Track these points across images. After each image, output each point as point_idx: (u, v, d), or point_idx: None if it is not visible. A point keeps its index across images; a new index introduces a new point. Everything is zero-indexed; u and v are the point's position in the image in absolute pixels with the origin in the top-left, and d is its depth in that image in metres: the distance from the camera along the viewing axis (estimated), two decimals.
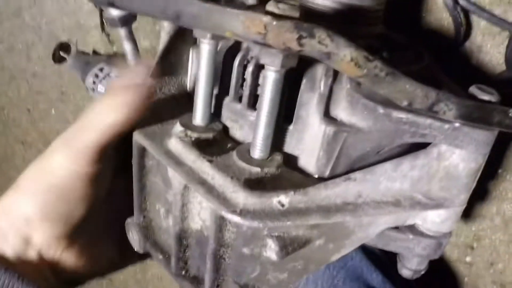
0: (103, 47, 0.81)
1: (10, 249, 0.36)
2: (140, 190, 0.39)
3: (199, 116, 0.35)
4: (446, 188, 0.34)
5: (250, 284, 0.34)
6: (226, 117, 0.36)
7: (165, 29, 0.42)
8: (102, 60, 0.74)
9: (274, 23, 0.26)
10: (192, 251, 0.36)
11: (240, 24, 0.26)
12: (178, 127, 0.35)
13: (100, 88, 0.69)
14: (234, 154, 0.32)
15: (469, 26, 0.47)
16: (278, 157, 0.33)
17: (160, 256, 0.40)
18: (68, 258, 0.38)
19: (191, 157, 0.32)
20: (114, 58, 0.75)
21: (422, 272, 0.39)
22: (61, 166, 0.35)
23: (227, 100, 0.36)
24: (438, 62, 0.40)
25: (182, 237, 0.36)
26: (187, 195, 0.33)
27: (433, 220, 0.36)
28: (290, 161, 0.34)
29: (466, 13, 0.46)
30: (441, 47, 0.48)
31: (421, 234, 0.36)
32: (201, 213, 0.34)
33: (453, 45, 0.47)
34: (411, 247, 0.37)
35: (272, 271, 0.33)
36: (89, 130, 0.35)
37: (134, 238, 0.42)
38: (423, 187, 0.34)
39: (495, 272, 0.52)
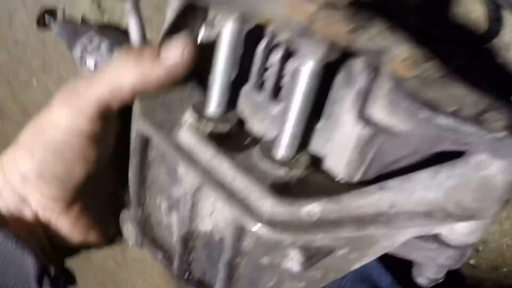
0: (92, 16, 0.75)
1: (5, 208, 0.34)
2: (140, 183, 0.35)
3: (214, 104, 0.31)
4: (479, 199, 0.32)
5: None
6: (244, 108, 0.32)
7: (172, 5, 0.37)
8: (91, 29, 0.69)
9: (323, 11, 0.22)
10: (198, 254, 0.33)
11: (281, 10, 0.23)
12: (189, 116, 0.31)
13: (89, 61, 0.64)
14: (256, 152, 0.29)
15: (498, 22, 0.44)
16: (304, 158, 0.29)
17: (160, 255, 0.37)
18: (64, 223, 0.36)
19: (207, 154, 0.29)
20: (106, 28, 0.69)
21: (439, 281, 0.37)
22: (60, 121, 0.33)
23: (246, 89, 0.32)
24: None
25: (188, 238, 0.32)
26: (198, 195, 0.30)
27: (461, 231, 0.33)
28: (315, 161, 0.31)
29: (498, 8, 0.43)
30: (467, 42, 0.45)
31: (446, 244, 0.34)
32: (214, 215, 0.30)
33: (481, 41, 0.44)
34: (433, 256, 0.35)
35: (289, 281, 0.30)
36: (98, 84, 0.32)
37: (130, 233, 0.39)
38: (455, 197, 0.32)
39: (499, 276, 0.51)
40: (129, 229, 0.39)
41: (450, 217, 0.31)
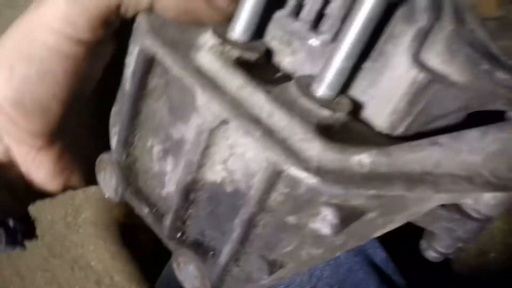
0: None
1: None
2: (131, 118, 0.29)
3: (241, 27, 0.25)
4: None
5: (278, 260, 0.26)
6: (273, 37, 0.27)
7: None
8: None
9: None
10: (198, 209, 0.28)
11: None
12: (210, 38, 0.25)
13: None
14: (293, 87, 0.24)
15: None
16: (346, 101, 0.25)
17: (146, 209, 0.31)
18: (44, 164, 0.29)
19: (236, 82, 0.23)
20: None
21: (450, 257, 0.35)
22: (54, 21, 0.25)
23: (279, 14, 0.26)
24: None
25: (190, 189, 0.27)
26: (217, 133, 0.24)
27: (487, 202, 0.31)
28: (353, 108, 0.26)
29: None
30: None
31: (469, 215, 0.31)
32: (230, 162, 0.25)
33: None
34: (453, 228, 0.32)
35: (309, 246, 0.26)
36: None
37: (108, 182, 0.32)
38: (492, 164, 0.29)
39: (486, 261, 0.50)
40: (107, 177, 0.32)
41: (489, 185, 0.28)
